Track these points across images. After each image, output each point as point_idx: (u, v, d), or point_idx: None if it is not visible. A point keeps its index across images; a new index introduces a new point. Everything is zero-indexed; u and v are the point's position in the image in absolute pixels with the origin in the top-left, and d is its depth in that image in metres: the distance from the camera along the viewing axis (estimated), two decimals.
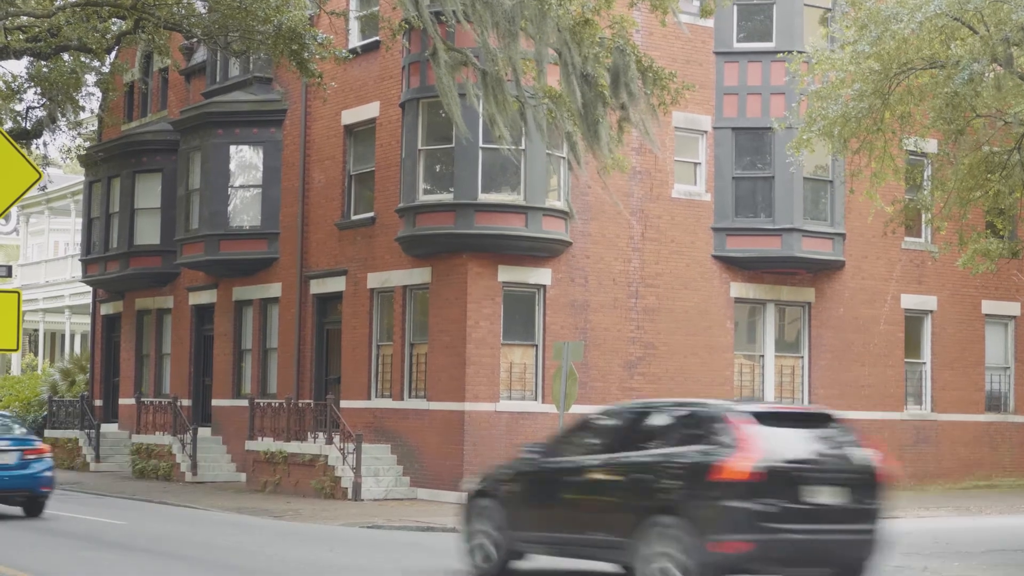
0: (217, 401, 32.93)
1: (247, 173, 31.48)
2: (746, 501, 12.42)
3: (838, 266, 29.46)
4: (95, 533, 19.10)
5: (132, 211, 34.68)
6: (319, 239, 30.04)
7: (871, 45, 18.22)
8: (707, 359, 28.31)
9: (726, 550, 12.40)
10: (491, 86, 19.46)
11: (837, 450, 13.43)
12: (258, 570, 15.17)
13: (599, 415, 15.19)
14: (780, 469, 12.71)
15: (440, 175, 26.32)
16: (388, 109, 28.12)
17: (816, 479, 12.92)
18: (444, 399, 26.20)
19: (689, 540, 12.48)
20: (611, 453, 13.86)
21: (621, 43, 19.52)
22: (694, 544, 12.43)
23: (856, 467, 13.32)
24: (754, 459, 12.58)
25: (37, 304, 48.05)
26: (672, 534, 12.64)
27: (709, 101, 28.54)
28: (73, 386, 40.02)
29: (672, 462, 13.02)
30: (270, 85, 31.71)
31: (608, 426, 14.52)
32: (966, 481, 31.28)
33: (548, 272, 26.73)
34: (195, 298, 33.93)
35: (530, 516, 14.39)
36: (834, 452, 13.40)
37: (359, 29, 29.45)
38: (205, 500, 25.99)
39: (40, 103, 29.99)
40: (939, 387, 31.21)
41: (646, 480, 13.17)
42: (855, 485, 13.17)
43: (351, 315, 28.86)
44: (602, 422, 14.77)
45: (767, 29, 28.60)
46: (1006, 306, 32.33)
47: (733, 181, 28.55)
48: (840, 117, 18.94)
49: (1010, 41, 17.31)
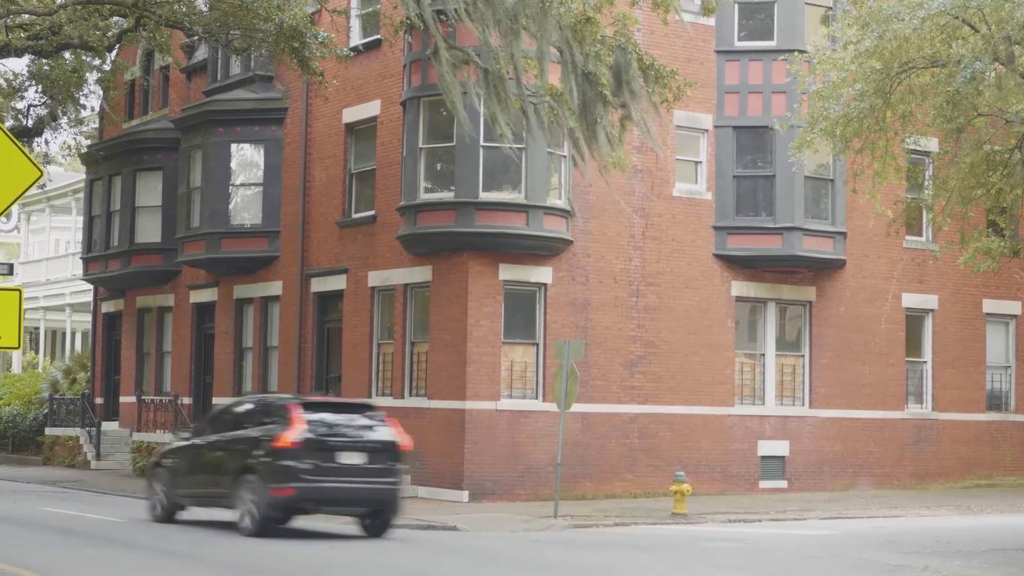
0: (218, 399, 32.91)
1: (248, 171, 31.49)
2: (292, 461, 18.21)
3: (839, 265, 29.45)
4: (96, 531, 19.11)
5: (133, 209, 34.69)
6: (320, 237, 30.04)
7: (873, 44, 18.20)
8: (708, 358, 28.31)
9: (279, 494, 18.22)
10: (493, 84, 19.44)
11: (367, 428, 19.15)
12: (259, 567, 15.18)
13: (223, 407, 21.88)
14: (316, 439, 18.46)
15: (441, 173, 26.31)
16: (389, 107, 28.12)
17: (344, 446, 18.74)
18: (445, 397, 26.20)
19: (260, 488, 18.33)
20: (224, 433, 19.83)
21: (623, 41, 19.50)
22: (263, 491, 18.30)
23: (379, 440, 18.99)
24: (297, 433, 18.38)
25: (38, 302, 48.06)
26: (252, 486, 18.46)
27: (710, 100, 28.53)
28: (74, 384, 40.03)
29: (251, 437, 19.02)
30: (271, 83, 31.71)
31: (224, 414, 20.80)
32: (967, 480, 31.28)
33: (549, 270, 26.73)
34: (196, 296, 33.94)
35: (183, 479, 20.25)
36: (363, 429, 19.14)
37: (360, 27, 29.45)
38: None
39: (41, 101, 30.00)
40: (940, 386, 31.21)
41: (239, 450, 19.07)
42: (377, 452, 18.84)
43: (352, 313, 28.86)
44: (222, 411, 21.20)
45: (768, 28, 28.60)
46: (1007, 305, 32.32)
47: (734, 180, 28.55)
48: (842, 117, 18.92)
49: (1012, 40, 17.30)
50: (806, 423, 29.38)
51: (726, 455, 28.41)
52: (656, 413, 27.71)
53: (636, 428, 27.51)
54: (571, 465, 26.20)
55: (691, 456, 27.82)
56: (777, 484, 28.85)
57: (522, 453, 26.20)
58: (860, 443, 29.98)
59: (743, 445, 28.61)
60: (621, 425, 27.34)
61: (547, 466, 25.93)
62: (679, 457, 27.53)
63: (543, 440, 26.22)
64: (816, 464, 29.41)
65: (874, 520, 23.33)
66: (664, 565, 16.57)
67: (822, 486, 29.32)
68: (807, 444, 29.34)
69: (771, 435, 28.96)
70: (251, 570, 15.04)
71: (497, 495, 25.80)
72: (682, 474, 23.49)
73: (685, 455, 27.72)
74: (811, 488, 29.13)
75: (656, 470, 27.39)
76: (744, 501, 26.47)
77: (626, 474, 27.36)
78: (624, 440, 27.36)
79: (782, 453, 29.05)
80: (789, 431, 29.18)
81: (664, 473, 26.91)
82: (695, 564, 16.63)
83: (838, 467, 29.67)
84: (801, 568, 16.26)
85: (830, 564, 16.63)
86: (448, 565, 15.71)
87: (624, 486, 27.23)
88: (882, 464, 30.24)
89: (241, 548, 17.12)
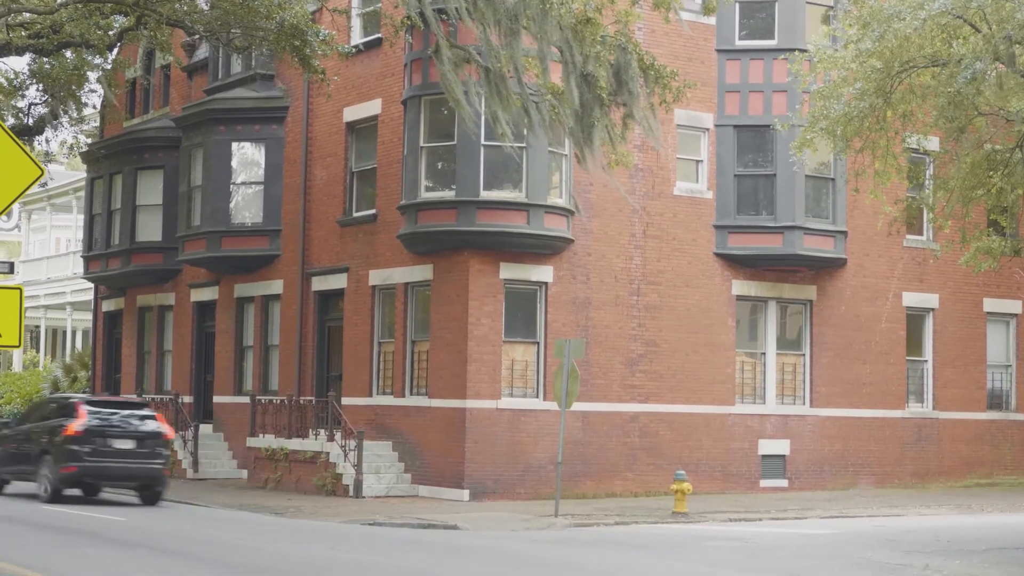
0: (219, 398, 32.95)
1: (249, 170, 31.49)
2: (75, 445, 23.81)
3: (840, 264, 29.46)
4: (96, 530, 19.12)
5: (134, 208, 34.69)
6: (321, 236, 30.04)
7: (874, 43, 18.19)
8: (708, 357, 28.31)
9: (66, 471, 23.88)
10: (494, 83, 19.44)
11: (138, 421, 24.72)
12: (259, 567, 15.18)
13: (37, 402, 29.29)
14: (96, 429, 24.10)
15: (442, 172, 26.31)
16: (390, 106, 28.11)
17: (118, 435, 24.27)
18: (445, 396, 26.20)
19: (54, 466, 23.98)
20: (34, 424, 25.40)
21: (623, 41, 19.49)
22: (55, 468, 23.95)
23: (147, 431, 24.50)
24: (80, 424, 24.05)
25: (39, 300, 48.06)
26: (48, 464, 24.11)
27: (711, 99, 28.53)
28: (75, 383, 40.04)
29: (49, 426, 24.60)
30: (272, 82, 31.71)
31: (37, 408, 26.94)
32: (967, 479, 31.28)
33: (550, 269, 26.73)
34: (197, 295, 33.94)
35: (6, 459, 25.86)
36: (135, 421, 24.68)
37: (361, 26, 29.44)
38: (206, 497, 26.00)
39: (42, 100, 29.99)
40: (940, 385, 31.21)
41: (41, 436, 24.65)
42: (145, 439, 24.31)
43: (353, 312, 28.87)
44: (36, 406, 27.54)
45: (769, 27, 28.59)
46: (1008, 304, 32.32)
47: (735, 179, 28.55)
48: (843, 116, 18.90)
49: (1012, 39, 17.29)
50: (807, 422, 29.38)
51: (727, 454, 28.41)
52: (657, 412, 27.71)
53: (637, 427, 27.52)
54: (572, 464, 26.21)
55: (692, 455, 27.83)
56: (778, 483, 28.85)
57: (523, 452, 26.21)
58: (861, 442, 29.98)
59: (744, 444, 28.62)
60: (622, 424, 27.34)
61: (548, 465, 25.94)
62: (680, 456, 27.54)
63: (544, 439, 26.23)
64: (817, 463, 29.41)
65: (875, 519, 23.34)
66: (665, 564, 16.57)
67: (823, 485, 29.33)
68: (808, 443, 29.34)
69: (772, 434, 28.96)
70: (253, 570, 15.03)
71: (498, 494, 25.81)
72: (683, 473, 23.49)
73: (686, 454, 27.72)
74: (812, 487, 29.14)
75: (657, 469, 27.40)
76: (745, 500, 26.47)
77: (627, 473, 27.36)
78: (625, 439, 27.37)
79: (783, 452, 29.06)
80: (790, 430, 29.19)
81: (665, 472, 26.92)
82: (696, 563, 16.62)
83: (839, 466, 29.67)
84: (802, 567, 16.26)
85: (831, 563, 16.63)
86: (449, 564, 15.71)
87: (625, 485, 27.24)
88: (883, 463, 30.25)
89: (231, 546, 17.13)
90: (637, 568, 16.11)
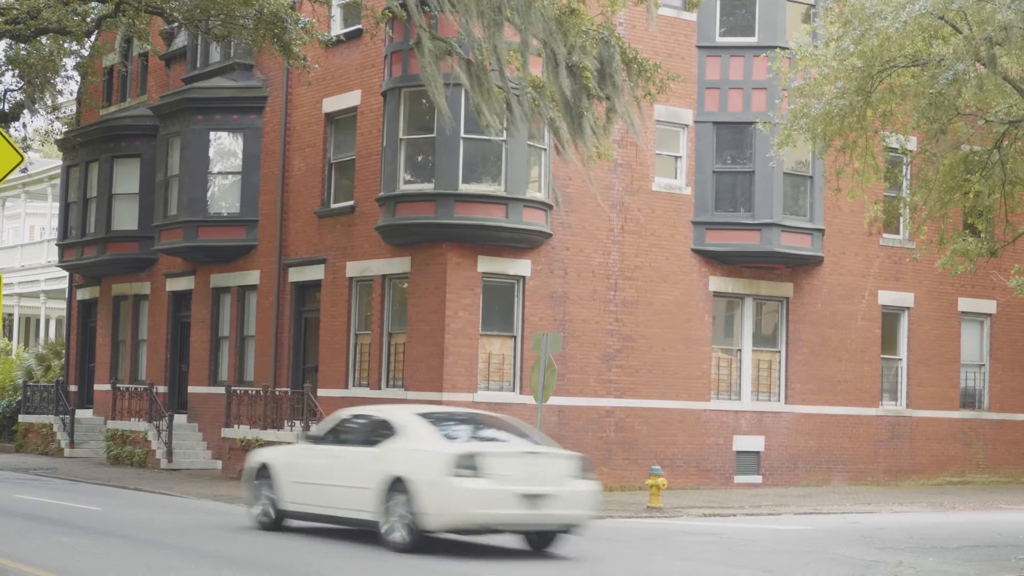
0: (193, 388, 32.82)
1: (226, 160, 31.35)
2: None
3: (816, 262, 29.55)
4: (70, 519, 19.02)
5: (110, 196, 34.50)
6: (298, 227, 29.95)
7: (855, 42, 18.24)
8: (685, 352, 28.37)
9: None
10: (476, 75, 19.41)
11: None
12: (235, 556, 15.14)
13: None
14: None
15: (421, 165, 26.27)
16: (369, 98, 28.04)
17: None
18: (422, 389, 26.17)
19: None
20: None
21: (606, 34, 19.50)
22: None
23: None
24: None
25: (12, 288, 47.77)
26: None
27: (691, 95, 28.57)
28: (48, 371, 39.81)
29: None
30: (251, 72, 31.58)
31: None
32: (940, 477, 31.47)
33: (528, 263, 26.73)
34: (172, 284, 33.80)
35: None
36: None
37: (341, 17, 29.36)
38: (180, 487, 25.91)
39: (18, 86, 29.77)
40: (915, 383, 31.37)
41: None
42: None
43: (329, 304, 28.80)
44: None
45: (749, 24, 28.65)
46: (982, 303, 32.50)
47: (713, 175, 28.61)
48: (823, 114, 18.96)
49: (993, 41, 17.36)
50: (781, 419, 29.48)
51: (702, 449, 28.48)
52: (633, 407, 27.76)
53: (612, 422, 27.56)
54: None
55: (667, 450, 27.89)
56: (752, 479, 28.95)
57: None
58: (835, 439, 30.10)
59: (719, 440, 28.70)
60: (598, 418, 27.38)
61: None
62: (655, 451, 27.59)
63: None
64: (791, 460, 29.52)
65: (848, 516, 23.45)
66: (640, 558, 16.59)
67: (796, 481, 29.44)
68: (782, 440, 29.44)
69: (746, 430, 29.06)
70: (229, 559, 14.99)
71: None
72: (658, 468, 23.53)
73: (661, 449, 27.78)
74: (786, 483, 29.25)
75: (632, 464, 27.44)
76: (719, 495, 26.55)
77: (602, 467, 27.37)
78: (600, 433, 27.40)
79: (757, 448, 29.16)
80: (764, 426, 29.28)
81: (640, 467, 26.97)
82: (672, 558, 16.66)
83: (813, 463, 29.79)
84: (777, 563, 16.31)
85: (805, 559, 16.69)
86: (427, 552, 15.68)
87: (600, 479, 27.17)
88: (856, 460, 30.39)
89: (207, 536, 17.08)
90: (613, 562, 16.13)
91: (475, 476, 15.33)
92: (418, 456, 15.75)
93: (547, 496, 15.61)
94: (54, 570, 13.30)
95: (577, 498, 15.99)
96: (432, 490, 15.33)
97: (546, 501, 15.63)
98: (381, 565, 14.65)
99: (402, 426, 16.38)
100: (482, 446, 15.93)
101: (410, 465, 15.66)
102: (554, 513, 15.81)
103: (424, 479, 15.40)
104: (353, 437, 17.15)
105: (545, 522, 15.93)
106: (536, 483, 15.62)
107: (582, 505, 16.05)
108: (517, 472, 15.61)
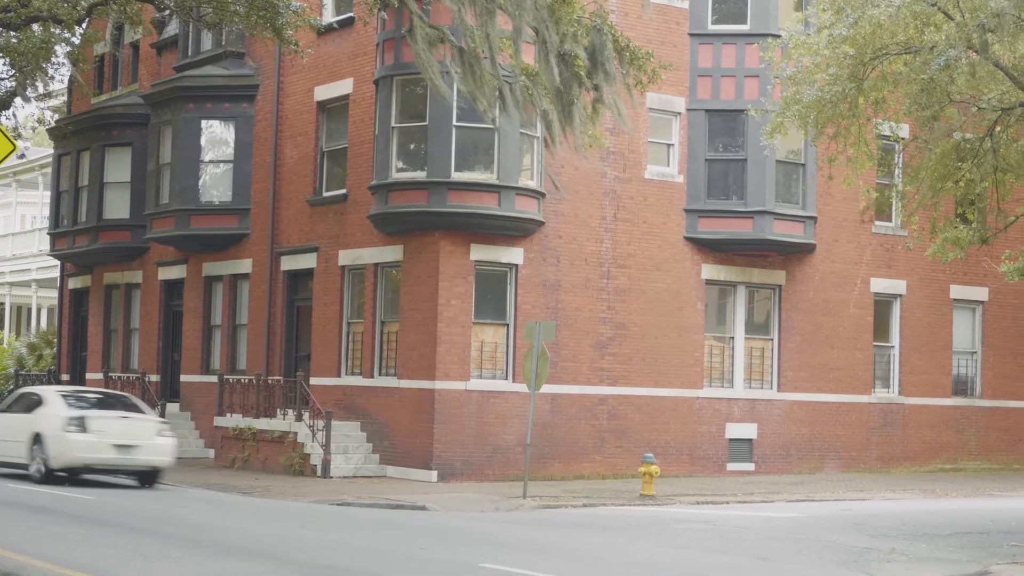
0: (186, 377, 32.80)
1: (218, 148, 31.29)
2: None
3: (809, 249, 29.58)
4: (63, 508, 19.00)
5: (101, 185, 34.42)
6: (290, 215, 29.92)
7: (847, 29, 18.22)
8: (677, 340, 28.40)
9: None
10: (468, 62, 19.36)
11: None
12: (228, 544, 15.14)
13: None
14: None
15: (413, 153, 26.24)
16: (362, 86, 27.99)
17: None
18: (414, 377, 26.18)
19: None
20: None
21: (598, 22, 19.45)
22: None
23: None
24: None
25: (4, 277, 47.67)
26: None
27: (683, 83, 28.56)
28: (40, 360, 39.76)
29: None
30: (243, 60, 31.50)
31: None
32: (932, 464, 31.54)
33: (520, 251, 26.72)
34: (164, 273, 33.74)
35: None
36: None
37: (333, 5, 29.29)
38: (173, 476, 25.87)
39: (9, 74, 29.65)
40: (907, 371, 31.43)
41: None
42: None
43: (322, 292, 28.78)
44: None
45: (742, 12, 28.63)
46: (974, 291, 32.56)
47: (706, 163, 28.61)
48: (815, 102, 18.94)
49: (985, 27, 17.36)
50: (774, 406, 29.53)
51: (694, 437, 28.53)
52: (625, 395, 27.79)
53: (605, 410, 27.59)
54: (540, 446, 26.26)
55: (660, 438, 27.93)
56: (745, 467, 29.01)
57: (491, 433, 26.23)
58: (827, 427, 30.17)
59: (711, 427, 28.74)
60: (590, 406, 27.41)
61: (516, 447, 25.97)
62: (648, 439, 27.63)
63: (512, 421, 26.26)
64: (783, 447, 29.58)
65: (841, 503, 23.50)
66: (634, 546, 16.62)
67: (789, 469, 29.51)
68: (775, 427, 29.50)
69: (739, 418, 29.10)
70: (223, 547, 15.01)
71: (466, 475, 25.82)
72: (651, 456, 23.57)
73: (654, 437, 27.82)
74: (778, 471, 29.31)
75: (625, 451, 27.48)
76: (712, 483, 26.60)
77: (595, 455, 27.44)
78: (593, 421, 27.43)
79: (750, 436, 29.21)
80: (757, 414, 29.34)
81: (633, 455, 27.01)
82: (665, 545, 16.69)
83: (805, 450, 29.85)
84: (769, 549, 16.35)
85: (798, 546, 16.73)
86: (418, 544, 15.71)
87: (593, 467, 27.31)
88: (849, 448, 30.45)
89: (199, 525, 17.09)
90: (607, 550, 16.16)
91: (81, 432, 22.47)
92: (49, 418, 22.89)
93: (135, 446, 22.69)
94: (49, 559, 13.28)
95: (158, 448, 22.97)
96: (54, 441, 22.56)
97: (135, 450, 22.72)
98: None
99: (47, 399, 23.60)
100: (90, 412, 22.95)
101: (44, 423, 22.85)
102: (141, 459, 22.87)
103: (50, 434, 22.64)
104: (21, 407, 23.97)
105: (134, 464, 22.99)
106: (128, 438, 22.64)
107: (163, 453, 23.06)
108: (115, 430, 22.65)
